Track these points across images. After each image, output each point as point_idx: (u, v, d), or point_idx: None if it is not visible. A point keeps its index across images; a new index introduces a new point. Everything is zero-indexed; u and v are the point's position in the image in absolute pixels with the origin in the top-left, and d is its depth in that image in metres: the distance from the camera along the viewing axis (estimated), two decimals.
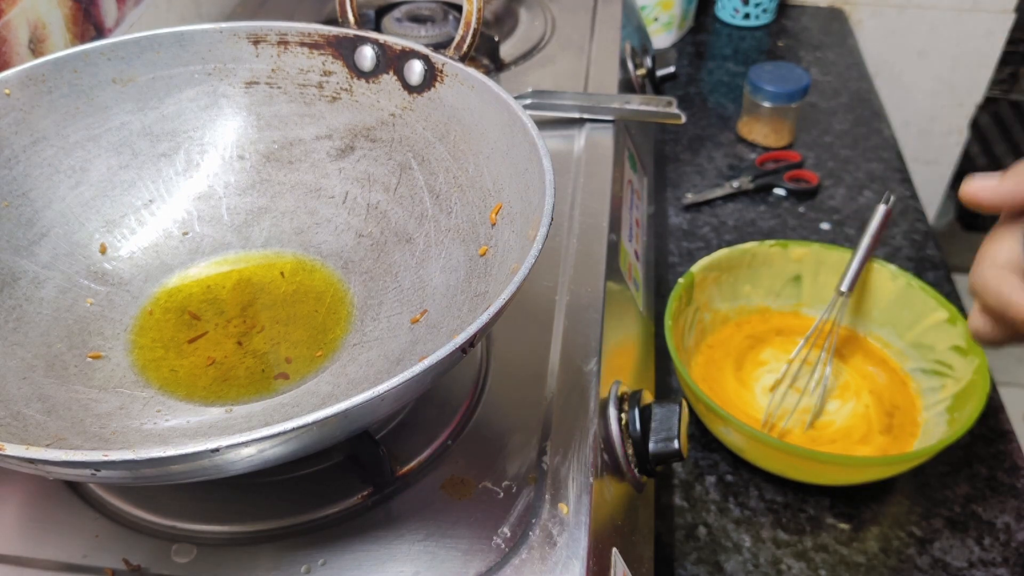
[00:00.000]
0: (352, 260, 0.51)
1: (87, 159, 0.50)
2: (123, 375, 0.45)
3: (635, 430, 0.48)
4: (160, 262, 0.51)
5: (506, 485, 0.42)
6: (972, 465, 0.64)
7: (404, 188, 0.51)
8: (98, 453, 0.29)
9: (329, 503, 0.42)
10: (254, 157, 0.53)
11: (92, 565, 0.40)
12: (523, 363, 0.49)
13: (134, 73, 0.51)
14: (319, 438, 0.34)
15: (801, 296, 0.72)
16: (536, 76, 0.75)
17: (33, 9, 0.63)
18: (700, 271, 0.67)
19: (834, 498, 0.61)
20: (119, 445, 0.40)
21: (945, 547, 0.59)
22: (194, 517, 0.42)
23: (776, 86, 0.91)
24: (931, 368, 0.65)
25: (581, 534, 0.40)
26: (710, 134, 0.99)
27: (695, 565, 0.58)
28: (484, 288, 0.42)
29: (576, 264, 0.55)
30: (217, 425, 0.42)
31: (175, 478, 0.34)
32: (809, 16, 1.23)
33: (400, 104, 0.51)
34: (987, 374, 0.60)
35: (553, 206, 0.38)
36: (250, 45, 0.52)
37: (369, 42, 0.51)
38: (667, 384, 0.70)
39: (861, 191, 0.90)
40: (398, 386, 0.31)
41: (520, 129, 0.44)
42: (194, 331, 0.48)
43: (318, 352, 0.46)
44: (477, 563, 0.39)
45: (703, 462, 0.64)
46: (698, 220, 0.87)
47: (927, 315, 0.66)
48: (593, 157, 0.65)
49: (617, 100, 0.69)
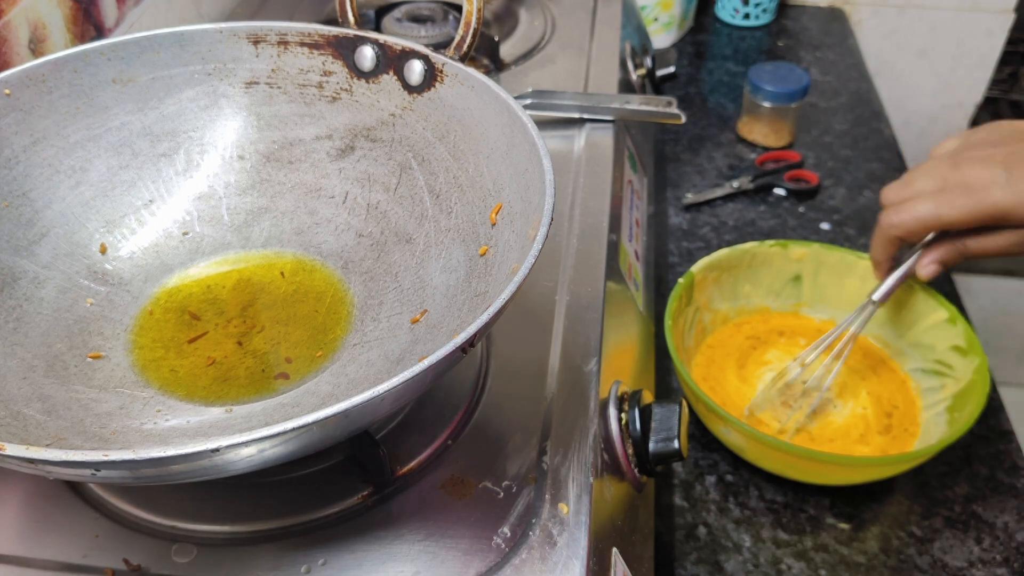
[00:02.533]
0: (352, 260, 0.51)
1: (87, 159, 0.50)
2: (123, 375, 0.45)
3: (635, 430, 0.48)
4: (160, 262, 0.51)
5: (506, 485, 0.42)
6: (972, 465, 0.64)
7: (404, 188, 0.51)
8: (98, 453, 0.29)
9: (329, 503, 0.42)
10: (254, 157, 0.54)
11: (92, 565, 0.40)
12: (523, 363, 0.49)
13: (134, 73, 0.51)
14: (319, 438, 0.34)
15: (801, 296, 0.72)
16: (536, 76, 0.75)
17: (33, 9, 0.63)
18: (700, 271, 0.67)
19: (834, 498, 0.61)
20: (119, 445, 0.40)
21: (945, 547, 0.59)
22: (194, 517, 0.42)
23: (776, 86, 0.91)
24: (931, 368, 0.65)
25: (581, 534, 0.40)
26: (710, 134, 0.99)
27: (695, 565, 0.58)
28: (484, 288, 0.42)
29: (576, 264, 0.55)
30: (217, 425, 0.42)
31: (175, 478, 0.34)
32: (809, 16, 1.23)
33: (400, 104, 0.51)
34: (987, 374, 0.60)
35: (553, 206, 0.38)
36: (250, 45, 0.52)
37: (369, 42, 0.51)
38: (667, 384, 0.70)
39: (861, 191, 0.90)
40: (398, 386, 0.32)
41: (520, 129, 0.44)
42: (194, 331, 0.48)
43: (318, 352, 0.46)
44: (477, 563, 0.39)
45: (703, 462, 0.64)
46: (698, 220, 0.87)
47: (927, 315, 0.66)
48: (593, 157, 0.65)
49: (617, 100, 0.69)
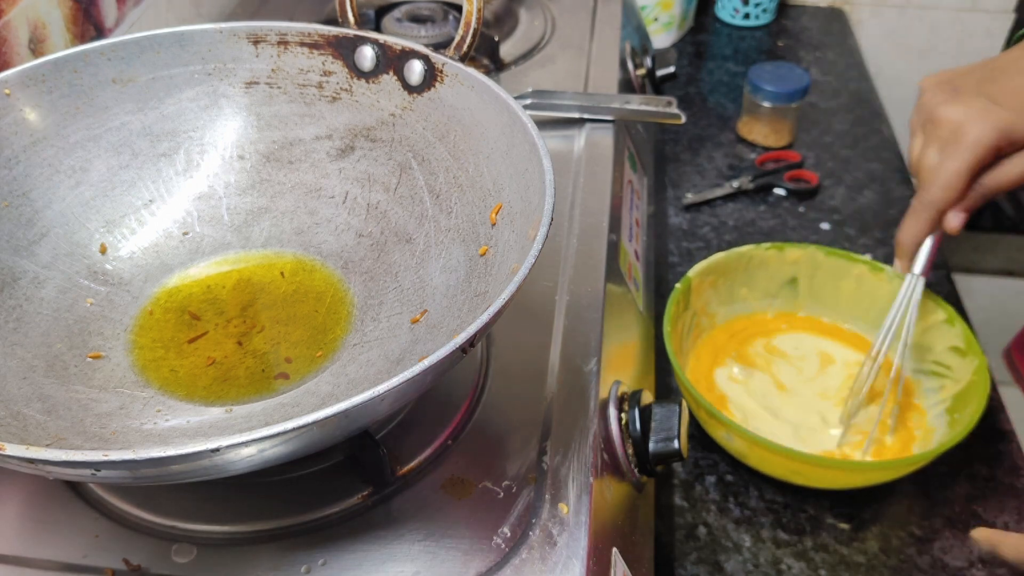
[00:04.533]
0: (352, 260, 0.51)
1: (87, 159, 0.50)
2: (123, 375, 0.45)
3: (635, 430, 0.48)
4: (160, 262, 0.51)
5: (506, 485, 0.42)
6: (972, 465, 0.64)
7: (404, 188, 0.51)
8: (98, 453, 0.29)
9: (329, 503, 0.42)
10: (254, 157, 0.54)
11: (92, 565, 0.40)
12: (523, 363, 0.49)
13: (134, 73, 0.51)
14: (319, 438, 0.34)
15: (797, 299, 0.72)
16: (536, 76, 0.75)
17: (33, 9, 0.63)
18: (696, 275, 0.67)
19: (834, 498, 0.61)
20: (119, 445, 0.40)
21: (945, 547, 0.59)
22: (194, 517, 0.42)
23: (776, 86, 0.91)
24: (929, 369, 0.65)
25: (581, 534, 0.40)
26: (710, 134, 0.99)
27: (695, 565, 0.58)
28: (484, 288, 0.42)
29: (576, 264, 0.55)
30: (217, 425, 0.42)
31: (175, 478, 0.34)
32: (809, 16, 1.23)
33: (400, 104, 0.51)
34: (987, 374, 0.60)
35: (553, 206, 0.38)
36: (250, 45, 0.52)
37: (369, 42, 0.51)
38: (667, 384, 0.70)
39: (861, 191, 0.90)
40: (398, 386, 0.32)
41: (520, 129, 0.44)
42: (194, 331, 0.48)
43: (318, 352, 0.46)
44: (477, 563, 0.39)
45: (703, 462, 0.64)
46: (698, 220, 0.87)
47: (924, 316, 0.66)
48: (593, 157, 0.65)
49: (617, 100, 0.69)
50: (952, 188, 0.56)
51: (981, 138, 0.53)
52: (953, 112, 0.54)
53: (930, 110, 0.57)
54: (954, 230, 0.59)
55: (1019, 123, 0.53)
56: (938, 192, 0.56)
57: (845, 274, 0.69)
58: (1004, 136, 0.53)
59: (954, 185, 0.56)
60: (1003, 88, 0.55)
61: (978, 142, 0.53)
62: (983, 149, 0.54)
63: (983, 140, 0.53)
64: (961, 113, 0.54)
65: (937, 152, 0.56)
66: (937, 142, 0.56)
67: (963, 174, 0.55)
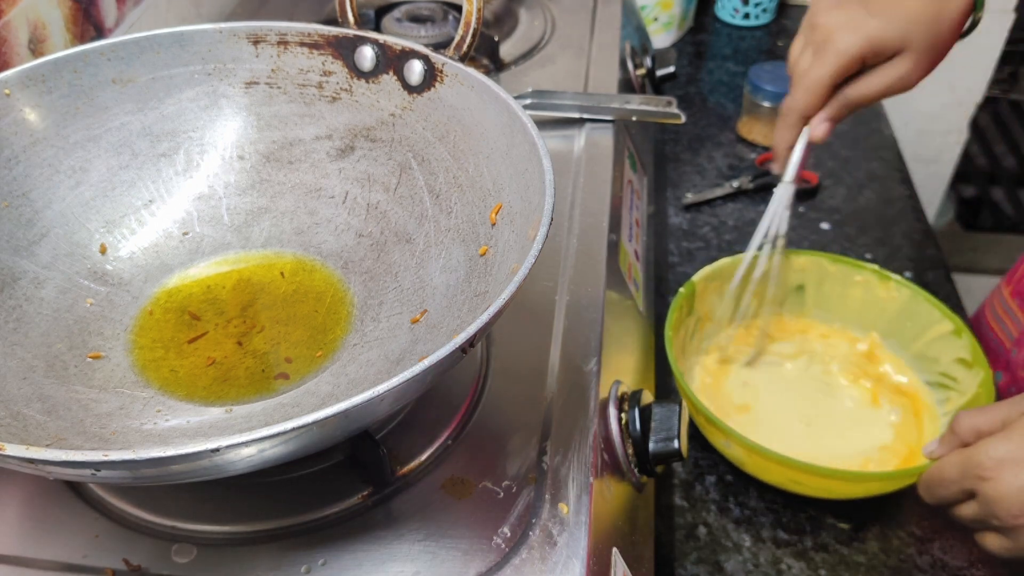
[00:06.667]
0: (352, 260, 0.51)
1: (87, 159, 0.50)
2: (123, 375, 0.45)
3: (635, 430, 0.48)
4: (160, 262, 0.51)
5: (506, 485, 0.42)
6: None
7: (404, 188, 0.51)
8: (98, 453, 0.29)
9: (329, 503, 0.42)
10: (254, 157, 0.54)
11: (92, 565, 0.40)
12: (523, 363, 0.49)
13: (134, 73, 0.51)
14: (319, 438, 0.34)
15: (805, 306, 0.71)
16: (536, 76, 0.75)
17: (33, 9, 0.63)
18: (701, 280, 0.66)
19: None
20: (119, 445, 0.40)
21: (945, 547, 0.59)
22: (194, 517, 0.42)
23: (776, 86, 0.91)
24: (936, 380, 0.65)
25: (581, 534, 0.40)
26: (710, 134, 0.99)
27: (695, 565, 0.58)
28: (484, 288, 0.42)
29: (576, 264, 0.55)
30: (217, 425, 0.42)
31: (175, 478, 0.34)
32: None
33: (400, 104, 0.51)
34: (992, 387, 0.59)
35: (553, 206, 0.38)
36: (250, 45, 0.52)
37: (369, 42, 0.51)
38: (667, 384, 0.70)
39: (861, 191, 0.90)
40: (398, 386, 0.32)
41: (520, 129, 0.44)
42: (194, 331, 0.48)
43: (318, 352, 0.46)
44: (477, 563, 0.39)
45: (703, 462, 0.64)
46: (698, 220, 0.87)
47: (931, 326, 0.65)
48: (593, 157, 0.65)
49: (617, 100, 0.69)
50: (813, 93, 0.58)
51: (847, 47, 0.55)
52: (830, 19, 0.56)
53: (813, 13, 0.59)
54: (817, 138, 0.61)
55: (887, 33, 0.55)
56: (801, 96, 0.59)
57: (852, 282, 0.69)
58: (870, 46, 0.55)
59: (815, 90, 0.58)
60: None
61: (843, 51, 0.55)
62: (847, 58, 0.55)
63: (848, 49, 0.55)
64: (835, 20, 0.56)
65: (810, 56, 0.58)
66: (812, 46, 0.58)
67: (825, 80, 0.57)
